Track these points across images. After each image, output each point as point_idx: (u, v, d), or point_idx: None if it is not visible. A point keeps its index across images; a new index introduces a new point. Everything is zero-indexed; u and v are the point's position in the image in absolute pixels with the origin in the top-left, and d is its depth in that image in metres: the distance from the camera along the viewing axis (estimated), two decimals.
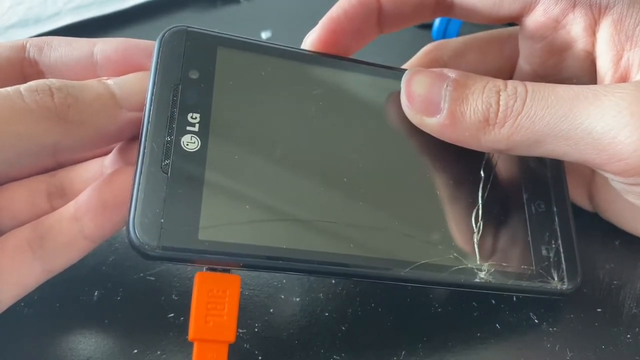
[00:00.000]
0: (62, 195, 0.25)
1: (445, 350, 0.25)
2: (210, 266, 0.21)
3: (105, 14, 0.39)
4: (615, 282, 0.28)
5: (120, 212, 0.22)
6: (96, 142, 0.23)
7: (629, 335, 0.26)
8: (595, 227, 0.29)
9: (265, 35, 0.39)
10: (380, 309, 0.26)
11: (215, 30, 0.24)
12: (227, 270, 0.21)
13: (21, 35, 0.37)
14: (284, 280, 0.26)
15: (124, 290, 0.26)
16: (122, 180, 0.22)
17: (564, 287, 0.25)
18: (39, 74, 0.25)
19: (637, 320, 0.26)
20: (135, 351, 0.24)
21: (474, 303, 0.26)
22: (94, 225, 0.22)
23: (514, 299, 0.27)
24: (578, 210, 0.29)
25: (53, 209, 0.24)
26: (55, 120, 0.21)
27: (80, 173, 0.25)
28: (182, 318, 0.25)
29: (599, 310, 0.27)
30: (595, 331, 0.26)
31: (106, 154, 0.26)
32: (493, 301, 0.26)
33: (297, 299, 0.26)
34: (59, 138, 0.21)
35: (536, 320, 0.26)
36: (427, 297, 0.26)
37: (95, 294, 0.25)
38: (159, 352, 0.24)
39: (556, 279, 0.25)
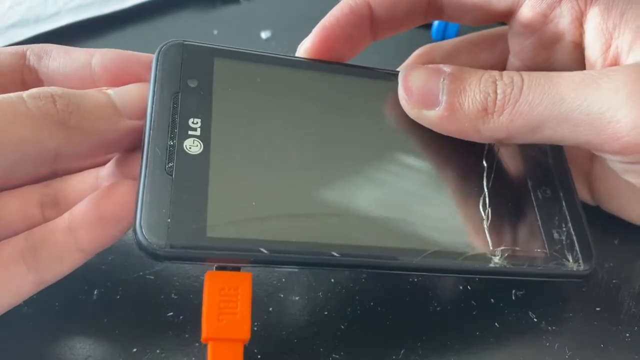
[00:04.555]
0: (55, 205, 0.24)
1: (445, 349, 0.25)
2: (220, 264, 0.21)
3: (105, 14, 0.39)
4: (614, 281, 0.28)
5: (117, 225, 0.22)
6: (96, 150, 0.23)
7: (628, 334, 0.26)
8: (595, 226, 0.29)
9: (265, 35, 0.39)
10: (379, 308, 0.26)
11: (211, 43, 0.24)
12: (237, 269, 0.21)
13: (22, 35, 0.37)
14: (283, 279, 0.26)
15: (124, 289, 0.26)
16: (120, 193, 0.22)
17: (581, 268, 0.25)
18: (39, 82, 0.25)
19: (636, 319, 0.26)
20: (135, 350, 0.24)
21: (473, 302, 0.26)
22: (89, 237, 0.22)
23: (513, 297, 0.27)
24: None
25: (45, 219, 0.24)
26: (57, 126, 0.21)
27: (74, 184, 0.25)
28: (181, 317, 0.25)
29: (598, 309, 0.27)
30: (594, 330, 0.26)
31: (102, 165, 0.26)
32: (492, 300, 0.27)
33: (297, 298, 0.26)
34: (61, 144, 0.21)
35: (535, 319, 0.26)
36: (427, 295, 0.27)
37: (95, 292, 0.26)
38: (158, 351, 0.24)
39: (571, 260, 0.25)
